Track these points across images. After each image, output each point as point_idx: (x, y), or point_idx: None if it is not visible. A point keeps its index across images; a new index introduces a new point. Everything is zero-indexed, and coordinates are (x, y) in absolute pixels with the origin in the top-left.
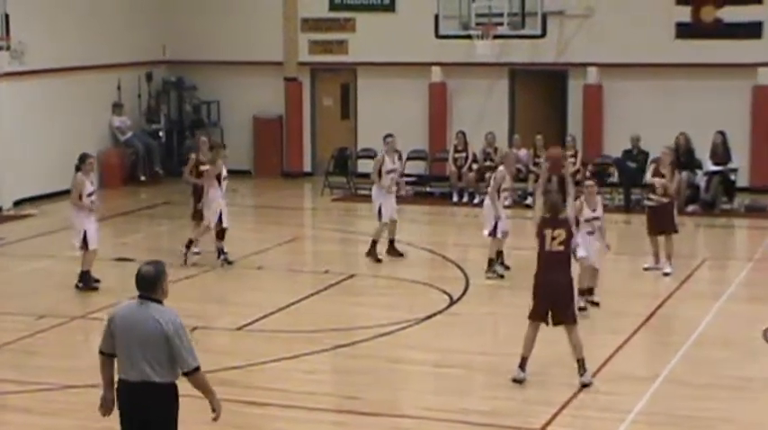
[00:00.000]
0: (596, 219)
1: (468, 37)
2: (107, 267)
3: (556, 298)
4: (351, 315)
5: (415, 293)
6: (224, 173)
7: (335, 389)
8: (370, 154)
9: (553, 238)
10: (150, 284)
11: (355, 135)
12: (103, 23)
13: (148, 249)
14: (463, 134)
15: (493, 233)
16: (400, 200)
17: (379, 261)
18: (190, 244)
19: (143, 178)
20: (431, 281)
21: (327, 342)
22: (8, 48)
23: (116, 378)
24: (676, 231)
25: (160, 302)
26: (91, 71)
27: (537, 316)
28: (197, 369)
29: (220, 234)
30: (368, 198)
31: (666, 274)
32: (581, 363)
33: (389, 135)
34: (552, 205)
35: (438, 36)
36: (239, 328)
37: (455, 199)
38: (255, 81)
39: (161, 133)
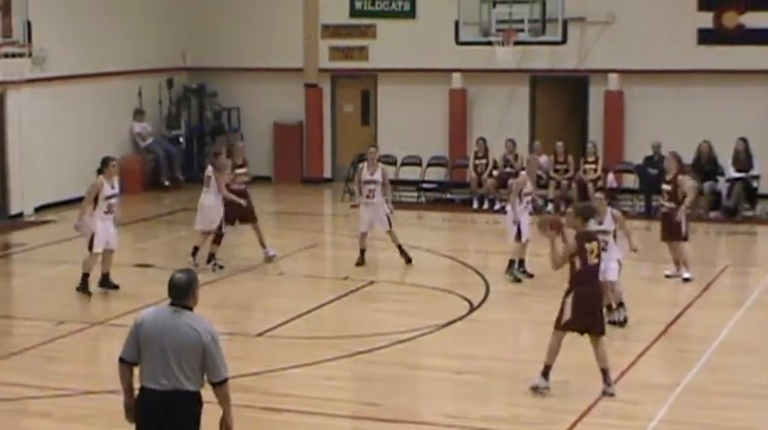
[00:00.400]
0: (604, 232)
1: (489, 43)
2: (127, 273)
3: (595, 310)
4: (371, 321)
5: (435, 300)
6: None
7: (355, 396)
8: (390, 160)
9: (591, 252)
10: (183, 292)
11: (375, 141)
12: (125, 30)
13: (167, 255)
14: (483, 141)
15: (518, 237)
16: (415, 206)
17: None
18: (211, 257)
19: (167, 183)
20: (451, 287)
21: (347, 348)
22: (30, 54)
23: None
24: (685, 238)
25: (191, 310)
26: (112, 77)
27: (573, 327)
28: (226, 379)
29: (218, 239)
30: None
31: (686, 280)
32: (606, 373)
33: (372, 146)
34: (584, 210)
35: (458, 42)
36: (259, 334)
37: (475, 205)
38: (276, 87)
39: (181, 139)
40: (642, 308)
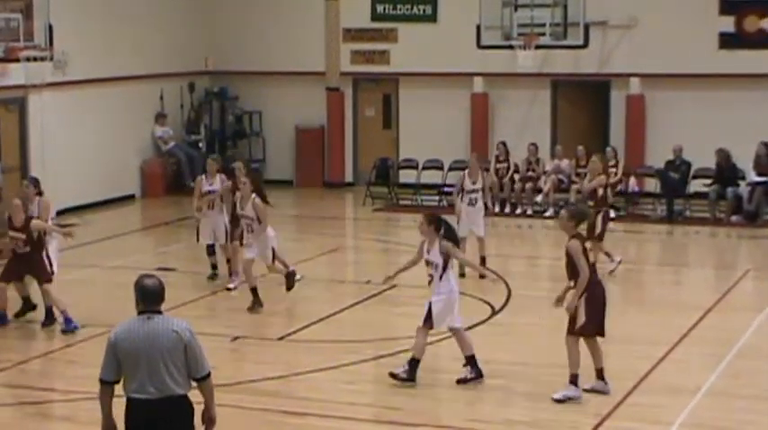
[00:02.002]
0: (430, 264)
1: (510, 47)
2: None
3: (603, 310)
4: (392, 325)
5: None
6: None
7: (376, 400)
8: (412, 164)
9: (590, 250)
10: (159, 297)
11: (397, 145)
12: (146, 34)
13: (189, 259)
14: (504, 145)
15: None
16: (437, 210)
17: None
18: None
19: (192, 184)
20: (472, 291)
21: (369, 352)
22: (51, 58)
23: (115, 403)
24: (596, 238)
25: (161, 313)
26: (134, 81)
27: (587, 331)
28: (209, 374)
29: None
30: (410, 208)
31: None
32: (602, 372)
33: (211, 156)
34: (577, 213)
35: (480, 46)
36: (281, 338)
37: (497, 209)
38: (298, 91)
39: (201, 144)
40: (663, 311)
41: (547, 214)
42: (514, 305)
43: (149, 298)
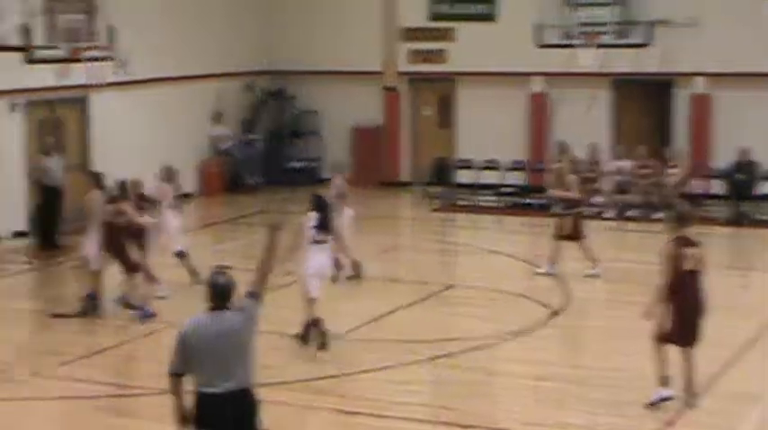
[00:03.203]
0: None
1: (571, 46)
2: (206, 274)
3: (694, 320)
4: (448, 325)
5: (514, 305)
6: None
7: (431, 400)
8: (469, 164)
9: (690, 257)
10: (228, 294)
11: (455, 145)
12: (206, 34)
13: (246, 257)
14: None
15: None
16: (494, 210)
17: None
18: None
19: (252, 182)
20: (530, 293)
21: (424, 352)
22: (113, 58)
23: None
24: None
25: (230, 309)
26: (193, 81)
27: (672, 339)
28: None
29: None
30: (468, 208)
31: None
32: (691, 383)
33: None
34: (678, 215)
35: (539, 45)
36: (335, 337)
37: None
38: (355, 91)
39: (257, 144)
40: (731, 315)
41: (606, 215)
42: (572, 307)
43: (219, 294)
